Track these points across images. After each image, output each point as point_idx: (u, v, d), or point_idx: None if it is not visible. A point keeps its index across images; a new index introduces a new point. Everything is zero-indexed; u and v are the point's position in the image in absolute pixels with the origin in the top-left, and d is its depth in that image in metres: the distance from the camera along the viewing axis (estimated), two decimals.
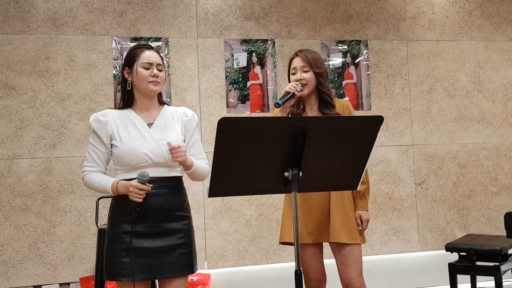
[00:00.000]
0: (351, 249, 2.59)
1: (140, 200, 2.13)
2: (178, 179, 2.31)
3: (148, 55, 2.25)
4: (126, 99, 2.30)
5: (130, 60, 2.26)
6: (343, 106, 2.72)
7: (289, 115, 2.66)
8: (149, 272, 2.19)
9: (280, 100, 2.54)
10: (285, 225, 2.69)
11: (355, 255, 2.60)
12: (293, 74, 2.68)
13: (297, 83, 2.61)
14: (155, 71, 2.24)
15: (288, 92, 2.56)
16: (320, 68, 2.66)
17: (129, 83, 2.26)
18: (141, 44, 2.31)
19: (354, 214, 2.65)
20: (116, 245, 2.19)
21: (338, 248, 2.63)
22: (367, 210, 2.67)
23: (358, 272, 2.60)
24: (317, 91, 2.67)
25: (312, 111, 2.69)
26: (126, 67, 2.27)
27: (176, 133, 2.27)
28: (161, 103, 2.36)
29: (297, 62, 2.67)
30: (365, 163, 2.05)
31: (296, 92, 2.56)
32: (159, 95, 2.35)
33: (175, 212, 2.25)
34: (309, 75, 2.64)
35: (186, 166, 2.25)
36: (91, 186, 2.27)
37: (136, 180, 2.14)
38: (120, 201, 2.24)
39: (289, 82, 2.70)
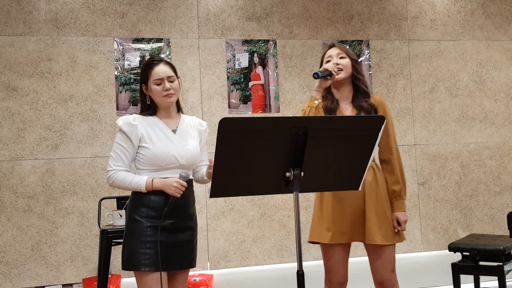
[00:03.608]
0: (385, 249, 2.59)
1: (179, 196, 2.35)
2: (192, 181, 2.51)
3: (157, 71, 2.42)
4: (150, 108, 2.48)
5: (144, 77, 2.45)
6: (378, 101, 2.68)
7: (324, 107, 2.63)
8: (167, 263, 2.37)
9: (319, 71, 2.54)
10: (314, 225, 2.68)
11: (389, 255, 2.60)
12: (328, 61, 2.66)
13: (334, 65, 2.61)
14: (167, 84, 2.41)
15: (326, 69, 2.56)
16: (355, 58, 2.69)
17: (148, 97, 2.46)
18: (152, 59, 2.48)
19: (391, 214, 2.62)
20: (141, 237, 2.34)
21: (372, 248, 2.62)
22: (404, 211, 2.64)
23: (391, 270, 2.62)
24: (353, 80, 2.67)
25: (346, 105, 2.66)
26: (143, 84, 2.46)
27: (196, 140, 2.52)
28: (179, 111, 2.56)
29: (333, 51, 2.68)
30: (366, 163, 2.05)
31: (334, 73, 2.56)
32: (178, 104, 2.54)
33: (190, 210, 2.47)
34: (345, 61, 2.64)
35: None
36: (120, 183, 2.38)
37: (179, 177, 2.36)
38: (149, 197, 2.37)
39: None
